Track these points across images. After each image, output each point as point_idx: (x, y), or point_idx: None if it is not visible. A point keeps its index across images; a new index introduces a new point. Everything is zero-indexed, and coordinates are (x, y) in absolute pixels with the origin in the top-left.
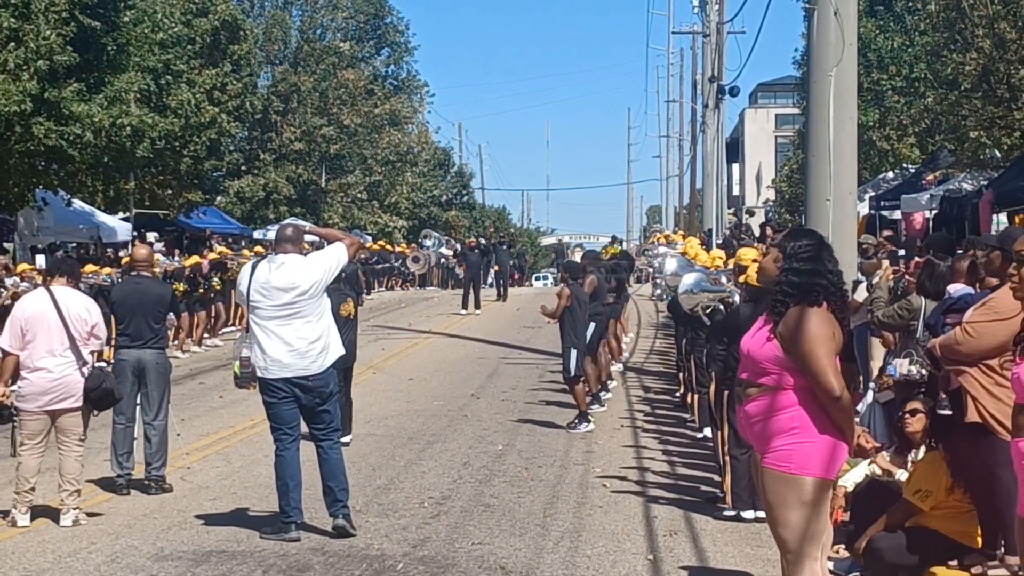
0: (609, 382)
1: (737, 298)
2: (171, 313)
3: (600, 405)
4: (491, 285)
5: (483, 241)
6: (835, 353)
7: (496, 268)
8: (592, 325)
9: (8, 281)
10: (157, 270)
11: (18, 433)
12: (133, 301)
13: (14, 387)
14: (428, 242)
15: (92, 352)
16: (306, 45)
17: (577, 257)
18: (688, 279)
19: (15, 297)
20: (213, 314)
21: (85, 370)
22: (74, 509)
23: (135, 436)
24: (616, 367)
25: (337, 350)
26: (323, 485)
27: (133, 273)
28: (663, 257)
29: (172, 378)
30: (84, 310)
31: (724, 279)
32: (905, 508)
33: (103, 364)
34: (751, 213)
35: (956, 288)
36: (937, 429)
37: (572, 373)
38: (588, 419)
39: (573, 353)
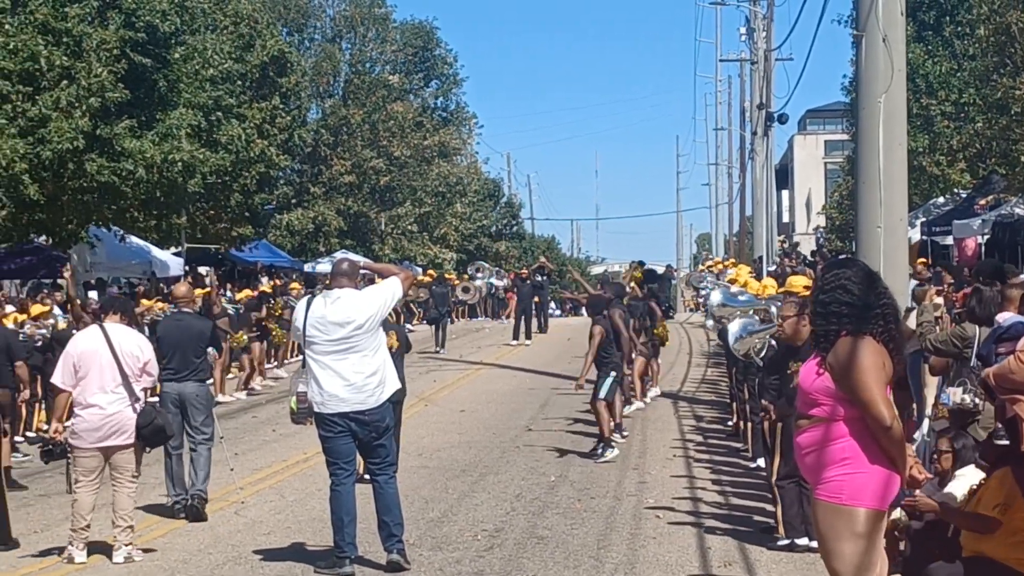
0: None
1: None
2: (211, 347)
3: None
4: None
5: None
6: (886, 383)
7: (536, 300)
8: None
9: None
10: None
11: (73, 470)
12: (175, 337)
13: (68, 423)
14: (480, 274)
15: (144, 389)
16: (356, 78)
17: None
18: (733, 327)
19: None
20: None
21: (137, 406)
22: (126, 545)
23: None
24: (638, 404)
25: (393, 384)
26: (378, 519)
27: (175, 310)
28: (709, 288)
29: (226, 412)
30: (136, 347)
31: (773, 308)
32: (980, 519)
33: (154, 399)
34: (796, 245)
35: (1006, 316)
36: (995, 459)
37: (602, 395)
38: (612, 445)
39: (610, 377)
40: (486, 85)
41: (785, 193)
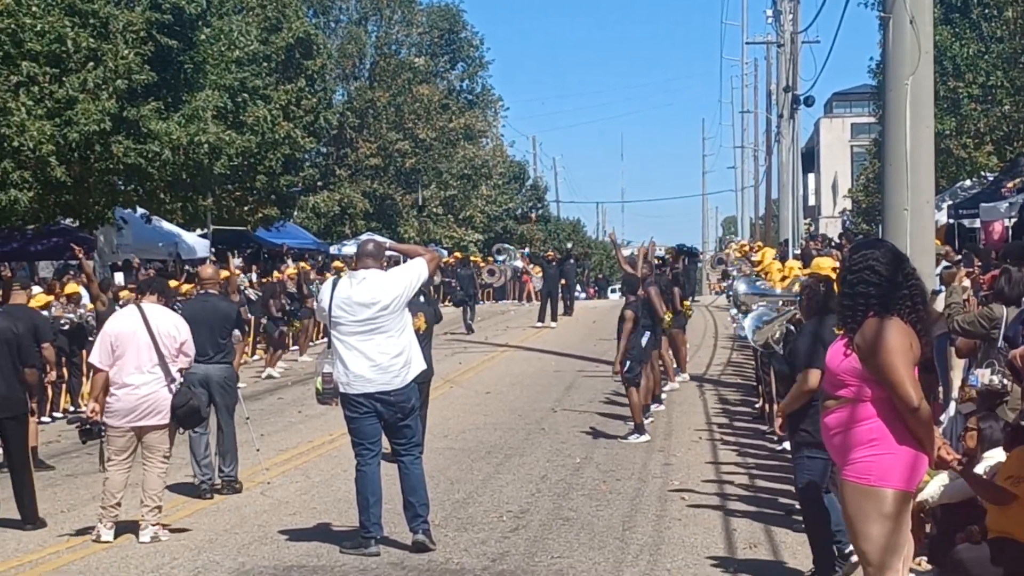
0: (662, 395)
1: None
2: (236, 330)
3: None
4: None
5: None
6: (913, 364)
7: (563, 281)
8: (647, 333)
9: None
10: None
11: (106, 449)
12: (201, 318)
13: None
14: (501, 256)
15: (180, 369)
16: (381, 61)
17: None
18: (747, 322)
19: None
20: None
21: (173, 387)
22: (153, 526)
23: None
24: (672, 385)
25: (419, 365)
26: (403, 500)
27: (201, 291)
28: (735, 278)
29: (252, 393)
30: (173, 327)
31: (797, 288)
32: (996, 489)
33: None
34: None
35: None
36: (1011, 440)
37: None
38: (643, 430)
39: (627, 363)
40: (509, 69)
41: (811, 176)
